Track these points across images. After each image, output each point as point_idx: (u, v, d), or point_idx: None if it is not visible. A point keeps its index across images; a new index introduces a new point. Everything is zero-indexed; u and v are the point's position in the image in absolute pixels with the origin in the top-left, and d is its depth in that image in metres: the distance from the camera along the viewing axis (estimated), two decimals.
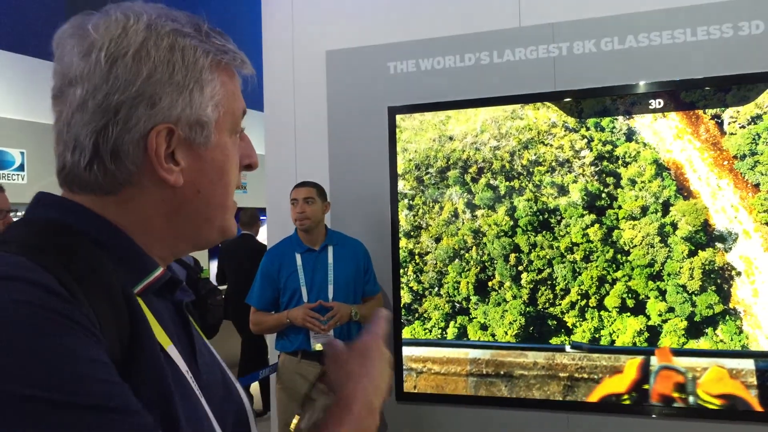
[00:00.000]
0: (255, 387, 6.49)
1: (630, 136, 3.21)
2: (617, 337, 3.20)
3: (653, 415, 3.16)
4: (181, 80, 0.82)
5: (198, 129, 0.84)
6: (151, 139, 0.80)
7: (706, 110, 3.11)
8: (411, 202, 3.58)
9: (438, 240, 3.52)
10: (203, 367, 0.90)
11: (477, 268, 3.43)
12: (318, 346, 3.39)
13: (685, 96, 3.15)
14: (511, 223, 3.38)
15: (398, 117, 3.61)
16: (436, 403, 3.53)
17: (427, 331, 3.52)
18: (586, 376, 3.25)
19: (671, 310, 3.13)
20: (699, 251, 3.12)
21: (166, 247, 0.88)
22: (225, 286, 6.52)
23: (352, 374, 0.96)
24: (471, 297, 3.44)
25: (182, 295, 0.92)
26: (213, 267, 8.77)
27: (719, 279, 3.08)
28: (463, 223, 3.46)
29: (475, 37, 3.70)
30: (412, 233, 3.57)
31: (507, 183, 3.39)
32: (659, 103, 3.16)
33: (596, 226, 3.25)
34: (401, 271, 3.58)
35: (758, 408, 3.01)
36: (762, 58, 3.20)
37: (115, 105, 0.79)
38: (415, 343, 3.54)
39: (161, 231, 0.86)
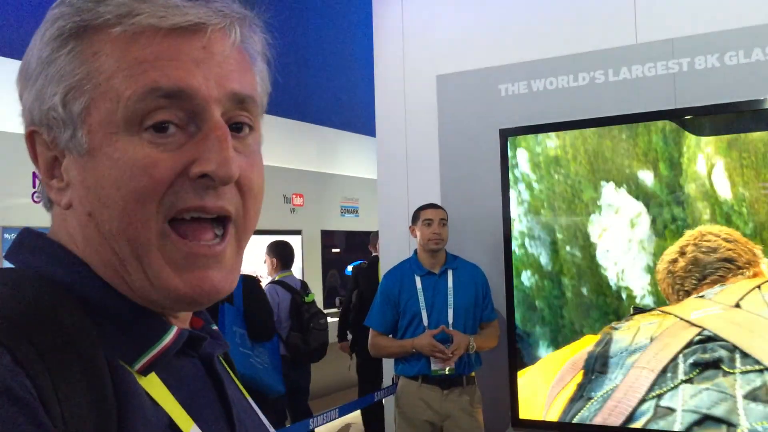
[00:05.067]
0: (356, 415, 6.14)
1: None
2: None
3: None
4: (34, 65, 0.62)
5: (58, 128, 0.61)
6: (28, 146, 0.65)
7: None
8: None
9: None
10: None
11: None
12: (439, 371, 3.37)
13: None
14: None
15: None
16: None
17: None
18: None
19: None
20: None
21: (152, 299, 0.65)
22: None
23: None
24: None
25: (211, 348, 0.71)
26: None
27: None
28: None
29: (589, 55, 3.62)
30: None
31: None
32: None
33: None
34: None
35: None
36: None
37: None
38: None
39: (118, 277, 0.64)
